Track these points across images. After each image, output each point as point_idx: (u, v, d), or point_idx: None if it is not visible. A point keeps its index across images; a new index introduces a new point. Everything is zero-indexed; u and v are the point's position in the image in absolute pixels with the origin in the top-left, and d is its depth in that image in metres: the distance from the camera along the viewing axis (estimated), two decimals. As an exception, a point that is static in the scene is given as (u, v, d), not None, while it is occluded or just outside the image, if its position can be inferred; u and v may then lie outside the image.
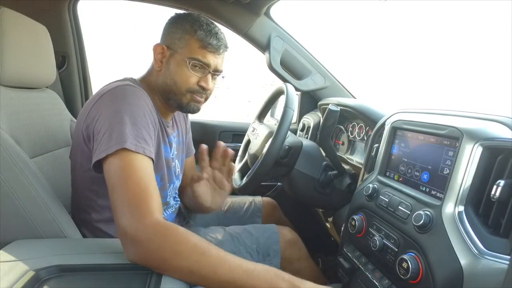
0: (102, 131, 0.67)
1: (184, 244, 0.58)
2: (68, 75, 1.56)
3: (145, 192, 0.61)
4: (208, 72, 0.83)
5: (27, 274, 0.54)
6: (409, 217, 0.68)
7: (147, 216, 0.59)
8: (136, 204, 0.60)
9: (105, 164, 0.65)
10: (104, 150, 0.65)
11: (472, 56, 6.78)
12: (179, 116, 1.01)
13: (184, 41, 0.81)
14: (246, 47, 1.53)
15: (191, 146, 1.12)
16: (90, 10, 2.00)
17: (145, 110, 0.72)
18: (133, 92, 0.73)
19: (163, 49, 0.82)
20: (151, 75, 0.87)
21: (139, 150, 0.65)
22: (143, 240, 0.57)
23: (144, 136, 0.68)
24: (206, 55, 0.81)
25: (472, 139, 0.61)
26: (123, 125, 0.66)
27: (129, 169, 0.63)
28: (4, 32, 0.77)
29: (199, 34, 0.80)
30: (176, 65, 0.82)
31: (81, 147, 0.75)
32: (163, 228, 0.59)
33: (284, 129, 0.96)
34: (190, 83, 0.82)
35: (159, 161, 0.85)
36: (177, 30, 0.82)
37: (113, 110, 0.69)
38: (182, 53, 0.81)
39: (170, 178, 0.91)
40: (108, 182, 0.64)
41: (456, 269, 0.56)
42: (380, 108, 1.08)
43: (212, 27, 0.82)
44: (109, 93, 0.72)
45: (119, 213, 0.60)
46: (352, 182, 1.10)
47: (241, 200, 1.26)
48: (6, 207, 0.68)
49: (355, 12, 7.81)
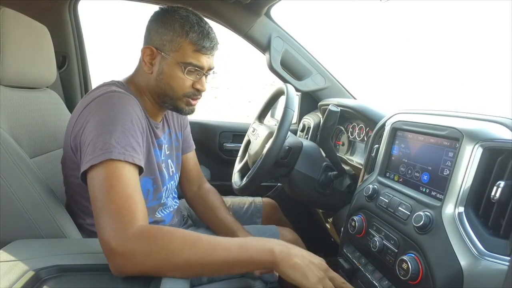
0: (87, 142, 0.66)
1: (173, 243, 0.57)
2: (68, 75, 1.56)
3: (129, 201, 0.60)
4: (202, 74, 0.82)
5: (27, 274, 0.54)
6: (409, 218, 0.67)
7: (130, 226, 0.57)
8: (118, 215, 0.58)
9: (89, 175, 0.64)
10: (89, 161, 0.63)
11: (472, 56, 6.78)
12: (171, 114, 0.99)
13: (176, 44, 0.77)
14: (247, 47, 1.53)
15: (190, 141, 1.09)
16: (91, 10, 2.00)
17: (132, 117, 0.70)
18: (120, 99, 0.71)
19: (152, 51, 0.79)
20: (139, 77, 0.84)
21: (127, 158, 0.64)
22: (128, 253, 0.56)
23: (132, 144, 0.67)
24: (200, 58, 0.79)
25: (472, 140, 0.61)
26: (109, 134, 0.64)
27: (113, 179, 0.61)
28: (5, 32, 0.78)
29: (192, 37, 0.77)
30: (170, 69, 0.79)
31: (70, 156, 0.74)
32: (146, 234, 0.57)
33: (284, 130, 0.96)
34: (185, 87, 0.81)
35: (151, 165, 0.84)
36: (166, 32, 0.77)
37: (99, 120, 0.67)
38: (175, 57, 0.78)
39: (163, 180, 0.90)
40: (91, 194, 0.62)
41: (456, 270, 0.55)
42: (380, 108, 1.08)
43: (203, 26, 0.79)
44: (95, 102, 0.71)
45: (101, 227, 0.58)
46: (352, 183, 1.10)
47: (241, 201, 1.26)
48: (6, 207, 0.68)
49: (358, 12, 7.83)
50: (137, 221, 0.59)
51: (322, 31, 8.19)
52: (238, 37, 1.47)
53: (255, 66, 5.64)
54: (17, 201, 0.68)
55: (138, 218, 0.59)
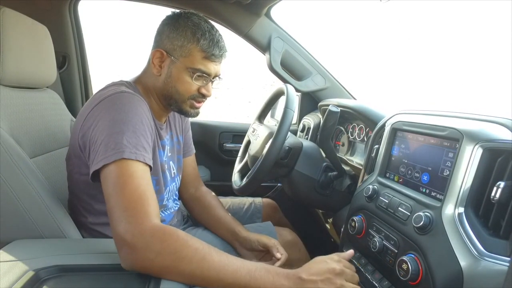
0: (99, 141, 0.66)
1: (184, 250, 0.57)
2: (68, 75, 1.56)
3: (142, 198, 0.61)
4: (209, 81, 0.84)
5: (26, 274, 0.54)
6: (409, 218, 0.67)
7: (144, 221, 0.58)
8: (133, 210, 0.59)
9: (102, 174, 0.65)
10: (102, 160, 0.64)
11: (472, 56, 6.78)
12: (174, 116, 1.00)
13: (187, 50, 0.79)
14: (247, 47, 1.53)
15: (190, 145, 1.10)
16: (91, 10, 2.00)
17: (142, 117, 0.71)
18: (130, 100, 0.72)
19: (162, 54, 0.81)
20: (147, 78, 0.85)
21: (139, 158, 0.65)
22: (141, 247, 0.56)
23: (143, 144, 0.68)
24: (208, 66, 0.81)
25: (472, 140, 0.61)
26: (121, 135, 0.65)
27: (126, 176, 0.63)
28: (5, 32, 0.78)
29: (202, 44, 0.79)
30: (178, 73, 0.81)
31: (77, 154, 0.75)
32: (161, 232, 0.58)
33: (284, 130, 0.96)
34: (192, 91, 0.83)
35: (155, 165, 0.84)
36: (178, 37, 0.79)
37: (110, 119, 0.68)
38: (184, 62, 0.80)
39: (165, 182, 0.91)
40: (105, 191, 0.63)
41: (456, 271, 0.55)
42: (380, 109, 1.08)
43: (214, 34, 0.81)
44: (105, 101, 0.71)
45: (115, 220, 0.59)
46: (352, 183, 1.10)
47: (241, 201, 1.26)
48: (6, 207, 0.68)
49: (358, 13, 7.80)
50: (151, 217, 0.60)
51: (322, 31, 8.20)
52: (238, 37, 1.47)
53: (255, 67, 5.64)
54: (17, 201, 0.68)
55: (151, 214, 0.60)
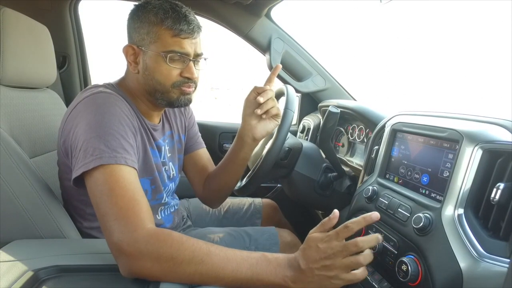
0: (78, 147, 0.64)
1: (181, 254, 0.56)
2: (68, 75, 1.56)
3: (132, 203, 0.59)
4: (189, 61, 0.77)
5: (26, 274, 0.54)
6: (408, 219, 0.67)
7: (137, 229, 0.57)
8: (124, 218, 0.57)
9: (86, 181, 0.63)
10: (81, 167, 0.62)
11: (472, 57, 6.80)
12: (173, 115, 0.97)
13: (154, 35, 0.74)
14: (247, 48, 1.53)
15: (198, 139, 1.06)
16: (91, 10, 2.00)
17: (120, 117, 0.68)
18: (106, 100, 0.69)
19: (133, 49, 0.77)
20: (129, 79, 0.81)
21: (120, 161, 0.62)
22: (137, 256, 0.55)
23: (124, 145, 0.65)
24: (181, 44, 0.75)
25: (472, 141, 0.61)
26: (97, 139, 0.63)
27: (110, 182, 0.60)
28: (5, 32, 0.78)
29: (167, 23, 0.73)
30: (153, 63, 0.75)
31: (62, 159, 0.74)
32: (155, 238, 0.56)
33: (284, 131, 0.96)
34: (173, 77, 0.76)
35: (147, 165, 0.81)
36: (142, 25, 0.75)
37: (87, 123, 0.65)
38: (155, 48, 0.74)
39: (163, 181, 0.88)
40: (92, 200, 0.61)
41: (456, 272, 0.55)
42: (380, 110, 1.08)
43: (178, 10, 0.74)
44: (81, 104, 0.69)
45: (108, 230, 0.57)
46: (352, 184, 1.10)
47: (241, 202, 1.26)
48: (6, 207, 0.68)
49: (357, 13, 7.76)
50: (144, 222, 0.58)
51: (323, 32, 8.21)
52: (239, 38, 1.47)
53: (255, 67, 5.64)
54: (16, 201, 0.68)
55: (144, 219, 0.58)
